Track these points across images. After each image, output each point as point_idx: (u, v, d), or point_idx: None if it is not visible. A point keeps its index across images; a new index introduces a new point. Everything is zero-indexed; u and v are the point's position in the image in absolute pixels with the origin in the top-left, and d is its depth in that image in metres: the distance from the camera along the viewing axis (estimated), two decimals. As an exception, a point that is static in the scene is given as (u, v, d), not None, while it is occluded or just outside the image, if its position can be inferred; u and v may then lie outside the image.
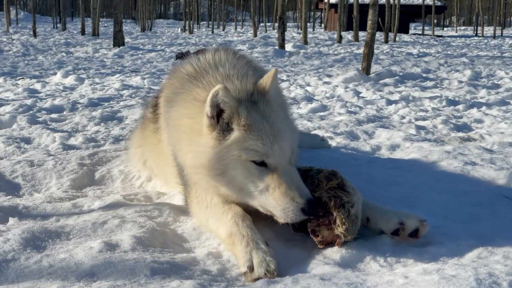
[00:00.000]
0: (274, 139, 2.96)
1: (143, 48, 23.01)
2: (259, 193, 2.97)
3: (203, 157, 3.02)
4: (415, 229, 3.00)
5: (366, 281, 2.53)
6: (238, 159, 2.96)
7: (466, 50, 24.90)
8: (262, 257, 2.72)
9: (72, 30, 40.62)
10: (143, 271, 2.65)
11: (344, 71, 14.22)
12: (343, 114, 7.94)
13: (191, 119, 3.18)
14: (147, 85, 11.22)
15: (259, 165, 2.95)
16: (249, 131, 2.96)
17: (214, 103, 2.96)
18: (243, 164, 2.96)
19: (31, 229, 3.09)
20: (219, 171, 3.00)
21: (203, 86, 3.27)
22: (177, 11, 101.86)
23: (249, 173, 2.96)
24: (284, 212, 2.90)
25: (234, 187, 3.03)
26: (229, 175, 3.00)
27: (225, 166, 2.98)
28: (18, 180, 4.35)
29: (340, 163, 4.69)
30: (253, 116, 2.99)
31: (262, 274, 2.65)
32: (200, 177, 3.12)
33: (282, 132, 3.03)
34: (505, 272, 2.50)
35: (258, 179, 2.95)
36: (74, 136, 6.08)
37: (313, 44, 27.31)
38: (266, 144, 2.94)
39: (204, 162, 3.03)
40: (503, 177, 4.19)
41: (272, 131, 2.98)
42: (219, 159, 2.98)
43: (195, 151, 3.08)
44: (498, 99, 9.45)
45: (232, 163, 2.97)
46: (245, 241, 2.84)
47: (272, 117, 3.05)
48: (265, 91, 3.14)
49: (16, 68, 14.73)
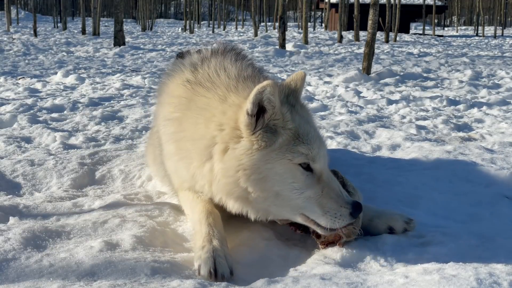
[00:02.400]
0: (320, 144, 2.93)
1: (144, 48, 23.00)
2: (303, 200, 2.84)
3: (245, 160, 2.81)
4: (403, 231, 3.14)
5: (367, 280, 2.53)
6: (287, 162, 2.82)
7: (466, 50, 24.90)
8: (210, 255, 2.67)
9: (72, 29, 40.62)
10: (143, 271, 2.65)
11: (344, 70, 14.22)
12: (343, 114, 7.94)
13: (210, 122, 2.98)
14: (147, 85, 11.21)
15: (305, 170, 2.85)
16: (297, 134, 2.86)
17: (257, 100, 2.78)
18: (289, 168, 2.82)
19: (32, 228, 3.09)
20: (261, 176, 2.82)
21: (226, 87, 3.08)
22: (178, 11, 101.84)
23: (295, 177, 2.83)
24: (332, 218, 2.81)
25: (274, 195, 2.85)
26: (271, 181, 2.82)
27: (269, 171, 2.82)
28: (18, 180, 4.35)
29: (341, 162, 4.69)
30: (297, 120, 2.91)
31: (206, 273, 2.61)
32: (232, 182, 2.87)
33: (322, 137, 3.02)
34: (505, 272, 2.50)
35: (304, 184, 2.83)
36: (74, 136, 6.08)
37: (313, 43, 27.31)
38: (314, 149, 2.86)
39: (246, 165, 2.81)
40: (503, 176, 4.19)
41: (317, 135, 2.95)
42: (265, 162, 2.81)
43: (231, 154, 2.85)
44: (499, 99, 9.45)
45: (278, 166, 2.82)
46: (202, 238, 2.81)
47: (310, 121, 3.03)
48: (297, 93, 3.08)
49: (17, 68, 14.72)
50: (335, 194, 2.86)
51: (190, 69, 3.37)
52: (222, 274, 2.62)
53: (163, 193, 4.02)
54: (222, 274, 2.62)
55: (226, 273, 2.63)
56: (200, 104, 3.10)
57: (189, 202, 3.25)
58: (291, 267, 2.80)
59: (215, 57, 3.40)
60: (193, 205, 3.17)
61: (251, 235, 3.09)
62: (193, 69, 3.35)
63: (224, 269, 2.64)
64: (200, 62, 3.40)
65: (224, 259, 2.69)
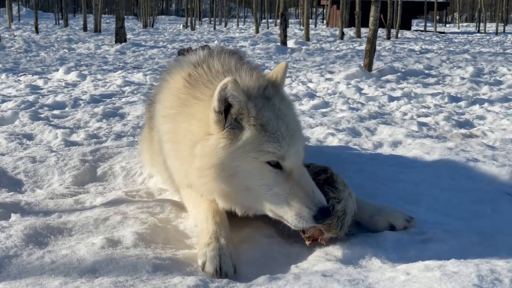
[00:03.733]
0: (291, 141, 2.82)
1: (145, 45, 22.99)
2: (271, 196, 2.81)
3: (214, 158, 2.80)
4: (403, 228, 3.14)
5: (368, 277, 2.53)
6: (253, 160, 2.78)
7: (468, 47, 24.86)
8: (217, 253, 2.66)
9: (74, 26, 40.60)
10: (145, 267, 2.65)
11: (346, 67, 14.21)
12: (345, 111, 7.93)
13: (194, 120, 2.98)
14: (149, 82, 11.22)
15: (274, 167, 2.79)
16: (264, 131, 2.79)
17: (222, 97, 2.76)
18: (257, 166, 2.79)
19: (33, 225, 3.09)
20: (229, 172, 2.80)
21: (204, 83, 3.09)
22: (179, 8, 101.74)
23: (263, 175, 2.79)
24: (296, 217, 2.77)
25: (244, 189, 2.84)
26: (240, 177, 2.80)
27: (237, 168, 2.79)
28: (20, 177, 4.35)
29: (342, 159, 4.69)
30: (267, 115, 2.83)
31: (212, 271, 2.61)
32: (206, 181, 2.88)
33: (297, 133, 2.92)
34: (507, 269, 2.51)
35: (272, 181, 2.79)
36: (76, 133, 6.09)
37: (315, 40, 27.27)
38: (283, 146, 2.78)
39: (214, 163, 2.80)
40: (505, 173, 4.19)
41: (288, 132, 2.84)
42: (231, 160, 2.78)
43: (203, 152, 2.86)
44: (500, 96, 9.44)
45: (244, 164, 2.79)
46: (208, 236, 2.80)
47: (288, 116, 2.92)
48: (277, 85, 3.01)
49: (18, 65, 14.73)
50: (304, 193, 2.77)
51: (189, 66, 3.34)
52: (226, 272, 2.62)
53: (164, 190, 4.03)
54: (226, 272, 2.62)
55: (230, 272, 2.64)
56: (186, 102, 3.08)
57: (192, 199, 3.24)
58: (292, 264, 2.80)
59: (210, 57, 3.36)
60: (197, 203, 3.17)
61: (253, 232, 3.10)
62: (192, 67, 3.31)
63: (228, 267, 2.64)
64: (200, 60, 3.37)
65: (229, 257, 2.69)
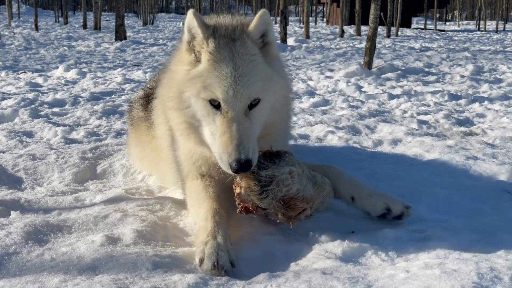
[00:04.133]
0: (232, 83, 2.91)
1: (145, 42, 22.98)
2: (210, 134, 2.98)
3: (174, 87, 3.09)
4: (399, 214, 3.16)
5: (368, 275, 2.53)
6: (198, 95, 2.97)
7: (468, 45, 24.85)
8: (214, 250, 2.67)
9: (74, 24, 40.57)
10: (145, 265, 2.65)
11: (346, 65, 14.20)
12: (345, 109, 7.93)
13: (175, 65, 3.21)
14: (149, 79, 11.20)
15: (214, 107, 2.94)
16: (212, 68, 2.95)
17: (188, 28, 3.03)
18: (201, 102, 2.97)
19: (33, 222, 3.09)
20: (186, 105, 3.05)
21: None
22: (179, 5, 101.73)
23: (206, 111, 2.97)
24: (219, 159, 2.92)
25: (199, 125, 3.04)
26: (192, 110, 3.03)
27: (189, 100, 3.02)
28: (20, 174, 4.35)
29: (342, 157, 4.70)
30: (222, 53, 2.97)
31: (210, 267, 2.61)
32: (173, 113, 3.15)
33: (245, 78, 2.94)
34: (506, 267, 2.51)
35: (211, 120, 2.95)
36: (76, 130, 6.09)
37: (315, 38, 27.27)
38: (222, 87, 2.90)
39: (175, 93, 3.09)
40: (505, 171, 4.19)
41: (233, 73, 2.92)
42: (185, 90, 3.03)
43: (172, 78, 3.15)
44: (500, 94, 9.43)
45: (193, 98, 3.00)
46: (206, 233, 2.80)
47: (244, 59, 2.98)
48: (247, 30, 3.07)
49: (18, 62, 14.72)
50: (229, 138, 2.85)
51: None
52: (223, 266, 2.62)
53: (164, 188, 4.03)
54: (223, 266, 2.62)
55: (227, 267, 2.63)
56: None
57: (196, 194, 3.24)
58: (292, 262, 2.80)
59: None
60: (200, 200, 3.16)
61: (253, 230, 3.10)
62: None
63: (226, 262, 2.64)
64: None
65: (226, 253, 2.68)
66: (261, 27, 3.09)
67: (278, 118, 3.26)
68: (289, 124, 3.63)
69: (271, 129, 3.21)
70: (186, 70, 3.06)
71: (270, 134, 3.23)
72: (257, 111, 3.01)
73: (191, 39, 3.07)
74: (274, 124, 3.23)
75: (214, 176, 3.33)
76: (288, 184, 2.99)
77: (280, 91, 3.18)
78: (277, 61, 3.24)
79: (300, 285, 2.43)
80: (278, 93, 3.15)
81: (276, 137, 3.32)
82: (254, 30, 3.07)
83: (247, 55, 3.00)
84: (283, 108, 3.29)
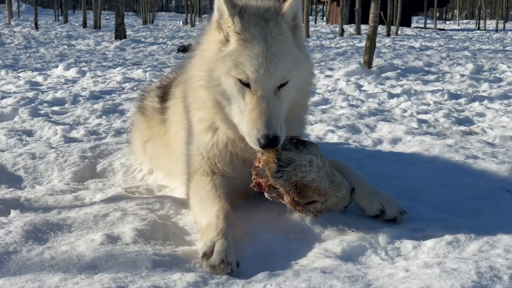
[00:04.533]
0: (263, 62, 2.96)
1: (145, 41, 22.97)
2: (239, 112, 3.03)
3: (205, 64, 3.12)
4: (393, 218, 3.15)
5: (367, 274, 2.54)
6: (228, 73, 3.01)
7: (468, 44, 24.84)
8: (224, 248, 2.67)
9: (73, 22, 40.54)
10: (144, 264, 2.65)
11: (346, 64, 14.20)
12: (344, 108, 7.93)
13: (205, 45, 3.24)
14: (148, 78, 11.21)
15: (244, 85, 2.98)
16: (244, 47, 2.99)
17: (216, 6, 3.06)
18: (232, 80, 3.01)
19: (33, 221, 3.09)
20: (215, 83, 3.08)
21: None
22: (179, 4, 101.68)
23: (235, 89, 3.00)
24: (247, 136, 2.96)
25: (228, 103, 3.08)
26: (221, 88, 3.07)
27: (219, 78, 3.06)
28: (19, 173, 4.35)
29: (342, 156, 4.69)
30: (253, 33, 3.02)
31: (217, 262, 2.61)
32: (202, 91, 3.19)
33: (277, 58, 3.00)
34: (506, 266, 2.51)
35: (241, 97, 2.99)
36: (75, 129, 6.08)
37: (315, 37, 27.26)
38: (253, 66, 2.95)
39: (205, 69, 3.13)
40: (504, 170, 4.19)
41: (265, 53, 2.98)
42: (215, 69, 3.07)
43: (202, 56, 3.18)
44: (500, 93, 9.43)
45: (223, 76, 3.04)
46: (216, 231, 2.80)
47: (277, 40, 3.04)
48: (280, 11, 3.13)
49: (18, 61, 14.72)
50: (259, 115, 2.90)
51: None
52: (230, 262, 2.62)
53: (164, 187, 4.03)
54: (230, 263, 2.62)
55: (233, 264, 2.63)
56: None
57: (205, 191, 3.21)
58: (292, 261, 2.80)
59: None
60: (210, 197, 3.14)
61: (253, 228, 3.10)
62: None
63: (233, 260, 2.64)
64: None
65: (234, 253, 2.69)
66: (294, 9, 3.16)
67: (302, 99, 3.35)
68: (308, 108, 3.66)
69: (294, 109, 3.28)
70: (217, 48, 3.10)
71: (294, 115, 3.30)
72: (286, 90, 3.07)
73: (219, 17, 3.11)
74: (298, 105, 3.31)
75: (226, 173, 3.35)
76: (305, 171, 3.04)
77: (306, 74, 3.27)
78: (303, 44, 3.33)
79: (300, 284, 2.43)
80: (304, 76, 3.23)
81: (298, 118, 3.40)
82: (288, 12, 3.14)
83: (280, 36, 3.07)
84: (307, 90, 3.36)
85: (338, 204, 3.23)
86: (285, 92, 3.06)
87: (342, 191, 3.20)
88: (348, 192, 3.25)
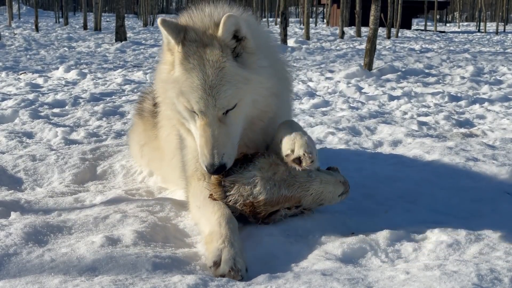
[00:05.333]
0: (203, 95, 2.95)
1: (145, 43, 22.99)
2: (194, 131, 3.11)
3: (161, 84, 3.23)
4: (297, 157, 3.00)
5: (368, 276, 2.53)
6: (177, 98, 3.06)
7: (468, 46, 24.85)
8: (232, 256, 2.68)
9: (74, 24, 40.57)
10: (144, 266, 2.65)
11: (346, 66, 14.20)
12: (345, 110, 7.93)
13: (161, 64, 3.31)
14: (149, 80, 11.21)
15: (193, 111, 3.03)
16: (185, 77, 2.99)
17: (163, 34, 3.09)
18: (182, 105, 3.06)
19: (33, 223, 3.09)
20: (171, 102, 3.16)
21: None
22: (179, 6, 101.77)
23: (187, 113, 3.08)
24: (199, 159, 3.04)
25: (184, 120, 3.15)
26: (177, 108, 3.13)
27: (173, 99, 3.11)
28: (20, 175, 4.35)
29: (342, 158, 4.69)
30: (192, 62, 2.99)
31: (227, 270, 2.62)
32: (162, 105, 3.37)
33: (215, 89, 2.94)
34: (506, 268, 2.51)
35: (192, 120, 3.07)
36: (76, 131, 6.09)
37: (315, 39, 27.26)
38: (194, 98, 2.96)
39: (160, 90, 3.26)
40: (505, 173, 4.19)
41: (203, 84, 2.95)
42: (167, 89, 3.13)
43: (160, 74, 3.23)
44: (501, 95, 9.43)
45: (175, 98, 3.08)
46: (221, 239, 2.79)
47: (214, 68, 2.96)
48: (216, 33, 3.02)
49: (18, 63, 14.73)
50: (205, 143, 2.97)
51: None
52: (240, 269, 2.63)
53: (164, 189, 4.03)
54: (240, 269, 2.63)
55: (243, 270, 2.64)
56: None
57: (203, 197, 3.20)
58: (292, 263, 2.80)
59: None
60: (209, 204, 3.12)
61: (253, 231, 3.09)
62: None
63: (242, 266, 2.65)
64: None
65: (243, 260, 2.70)
66: (231, 27, 2.99)
67: (263, 114, 3.23)
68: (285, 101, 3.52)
69: (262, 116, 3.23)
70: (168, 70, 3.13)
71: (262, 121, 3.26)
72: (234, 113, 3.04)
73: (168, 42, 3.12)
74: (263, 112, 3.22)
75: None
76: (250, 189, 3.08)
77: (260, 89, 3.11)
78: (258, 52, 3.12)
79: (300, 286, 2.43)
80: (258, 92, 3.11)
81: (270, 120, 3.29)
82: (225, 32, 2.99)
83: (218, 63, 2.98)
84: (267, 102, 3.20)
85: (320, 198, 3.17)
86: (234, 115, 3.03)
87: (312, 187, 3.14)
88: (322, 184, 3.14)
